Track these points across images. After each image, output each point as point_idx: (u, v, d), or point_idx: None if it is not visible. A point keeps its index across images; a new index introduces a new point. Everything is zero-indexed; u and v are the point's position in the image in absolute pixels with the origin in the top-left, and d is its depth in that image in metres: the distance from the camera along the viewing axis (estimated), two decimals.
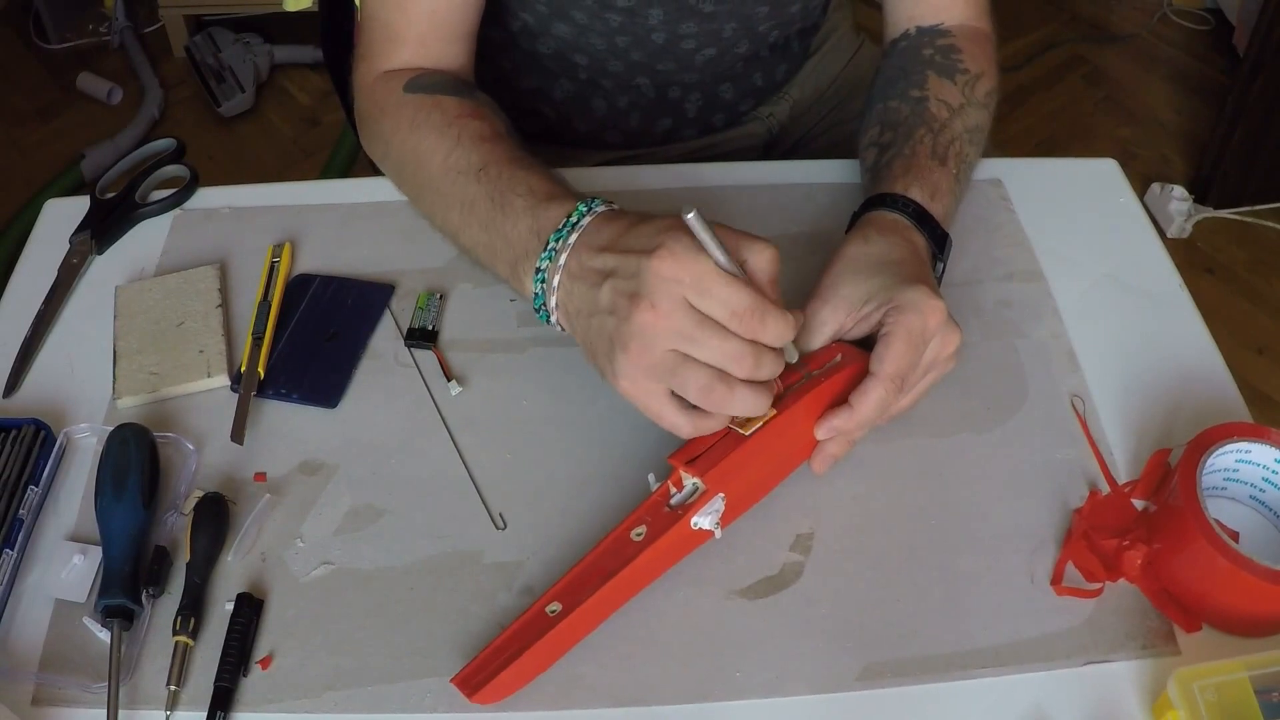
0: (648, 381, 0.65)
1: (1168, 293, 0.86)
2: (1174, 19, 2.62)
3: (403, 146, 0.83)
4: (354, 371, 0.80)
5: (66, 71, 2.49)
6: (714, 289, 0.62)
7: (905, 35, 0.92)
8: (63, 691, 0.64)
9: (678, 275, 0.62)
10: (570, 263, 0.69)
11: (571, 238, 0.69)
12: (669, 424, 0.66)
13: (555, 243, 0.70)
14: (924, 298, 0.70)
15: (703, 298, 0.63)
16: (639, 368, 0.64)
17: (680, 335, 0.63)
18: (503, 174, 0.76)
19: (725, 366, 0.64)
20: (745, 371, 0.64)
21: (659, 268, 0.63)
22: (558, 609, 0.64)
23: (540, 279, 0.71)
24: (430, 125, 0.82)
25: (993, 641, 0.66)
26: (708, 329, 0.63)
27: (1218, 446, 0.67)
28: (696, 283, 0.62)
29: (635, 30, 0.94)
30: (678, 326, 0.63)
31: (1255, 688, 0.59)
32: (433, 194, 0.81)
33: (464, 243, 0.79)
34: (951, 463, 0.75)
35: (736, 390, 0.64)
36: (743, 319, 0.63)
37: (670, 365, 0.64)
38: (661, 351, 0.64)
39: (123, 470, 0.70)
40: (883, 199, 0.79)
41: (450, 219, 0.79)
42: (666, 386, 0.65)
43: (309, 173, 2.28)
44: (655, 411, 0.66)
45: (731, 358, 0.63)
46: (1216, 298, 2.03)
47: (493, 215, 0.75)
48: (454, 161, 0.79)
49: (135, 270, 0.87)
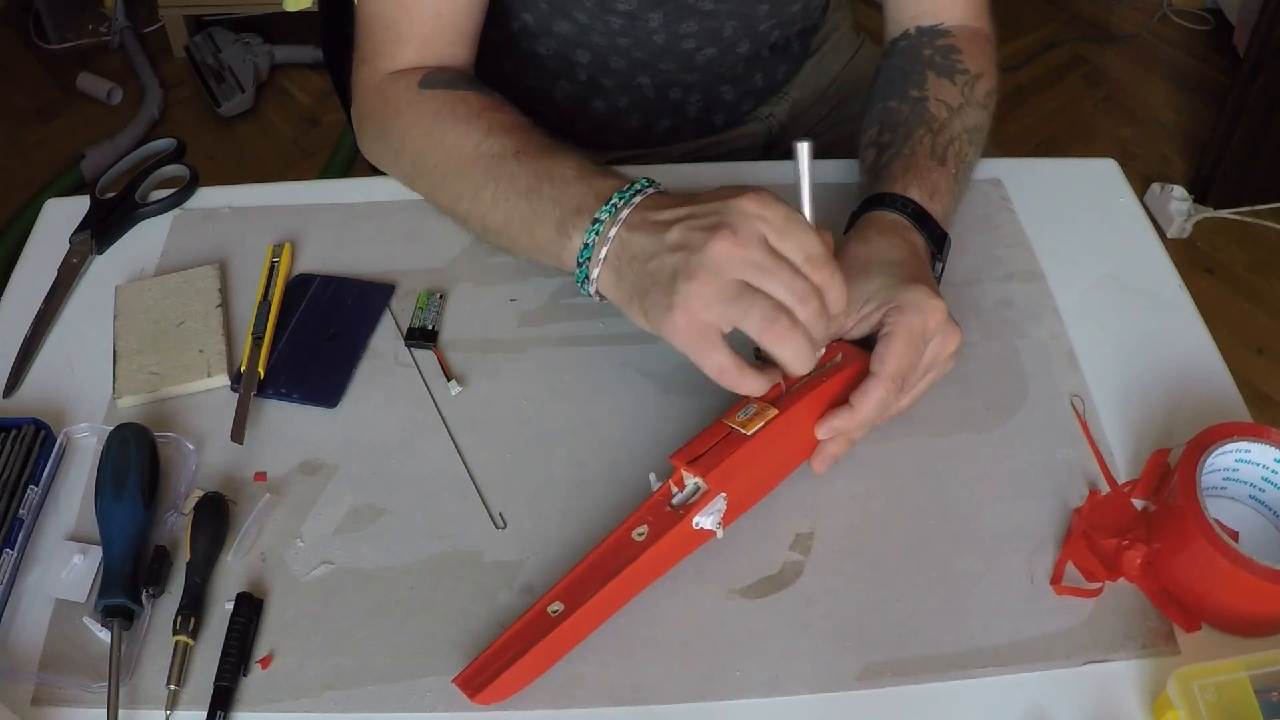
0: (708, 312, 0.64)
1: (1168, 293, 0.86)
2: (1174, 19, 2.62)
3: (426, 139, 0.83)
4: (354, 371, 0.80)
5: (66, 71, 2.49)
6: (796, 231, 0.65)
7: (905, 35, 0.92)
8: (63, 691, 0.65)
9: (762, 213, 0.65)
10: (631, 217, 0.70)
11: (636, 199, 0.71)
12: (715, 364, 0.65)
13: (618, 200, 0.71)
14: (924, 297, 0.70)
15: (783, 238, 0.64)
16: (703, 296, 0.64)
17: (754, 265, 0.64)
18: (544, 155, 0.77)
19: (792, 305, 0.64)
20: (810, 314, 0.64)
21: (745, 204, 0.65)
22: (559, 609, 0.64)
23: (594, 230, 0.71)
24: (456, 117, 0.82)
25: (992, 641, 0.66)
26: (782, 264, 0.64)
27: (1217, 446, 0.67)
28: (780, 222, 0.64)
29: (636, 31, 0.94)
30: (754, 257, 0.64)
31: (1255, 687, 0.59)
32: (461, 179, 0.81)
33: (495, 219, 0.79)
34: (951, 463, 0.75)
35: (797, 329, 0.64)
36: (817, 266, 0.65)
37: (736, 292, 0.64)
38: (730, 279, 0.64)
39: (123, 470, 0.70)
40: (881, 199, 0.79)
41: (481, 198, 0.79)
42: (725, 320, 0.64)
43: (309, 173, 2.28)
44: (705, 347, 0.65)
45: (800, 296, 0.64)
46: (1216, 298, 2.03)
47: (536, 184, 0.76)
48: (488, 148, 0.79)
49: (135, 270, 0.88)
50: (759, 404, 0.69)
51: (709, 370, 0.66)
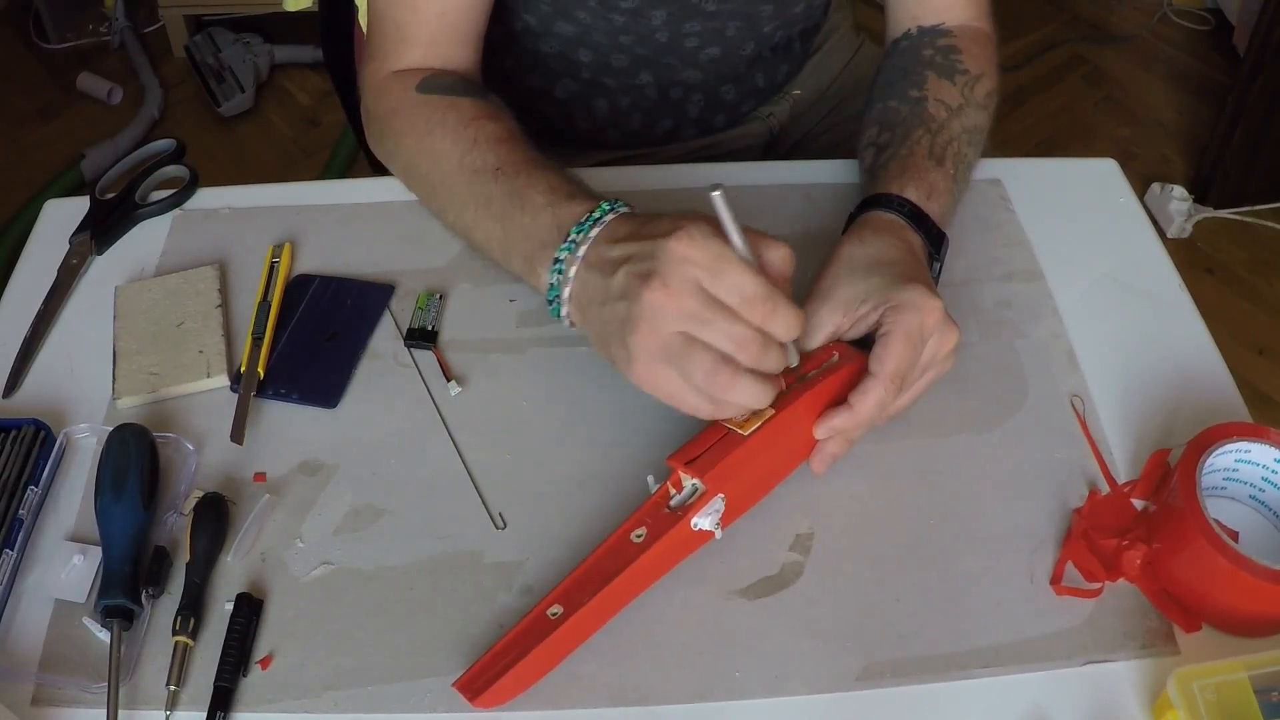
0: (658, 365, 0.65)
1: (1168, 293, 0.86)
2: (1174, 19, 2.62)
3: (417, 146, 0.83)
4: (354, 371, 0.80)
5: (66, 71, 2.49)
6: (728, 272, 0.63)
7: (906, 35, 0.92)
8: (63, 691, 0.64)
9: (692, 256, 0.63)
10: (589, 254, 0.69)
11: (593, 231, 0.70)
12: (690, 407, 0.66)
13: (576, 235, 0.70)
14: (921, 296, 0.70)
15: (716, 280, 0.63)
16: (649, 350, 0.64)
17: (689, 315, 0.63)
18: (520, 173, 0.77)
19: (732, 352, 0.64)
20: (751, 358, 0.64)
21: (674, 248, 0.63)
22: (559, 612, 0.64)
23: (557, 270, 0.71)
24: (446, 126, 0.82)
25: (993, 641, 0.66)
26: (718, 311, 0.63)
27: (1217, 446, 0.67)
28: (711, 265, 0.63)
29: (639, 30, 0.94)
30: (688, 307, 0.63)
31: (1255, 687, 0.59)
32: (447, 192, 0.81)
33: (477, 238, 0.80)
34: (951, 463, 0.75)
35: (741, 377, 0.64)
36: (754, 305, 0.63)
37: (677, 348, 0.64)
38: (669, 332, 0.64)
39: (122, 470, 0.70)
40: (878, 199, 0.79)
41: (464, 216, 0.80)
42: (671, 380, 0.65)
43: (309, 173, 2.28)
44: (672, 395, 0.66)
45: (738, 342, 0.63)
46: (1216, 298, 2.03)
47: (510, 211, 0.76)
48: (470, 161, 0.79)
49: (135, 270, 0.88)
50: None
51: (687, 412, 0.66)
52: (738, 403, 0.66)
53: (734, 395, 0.65)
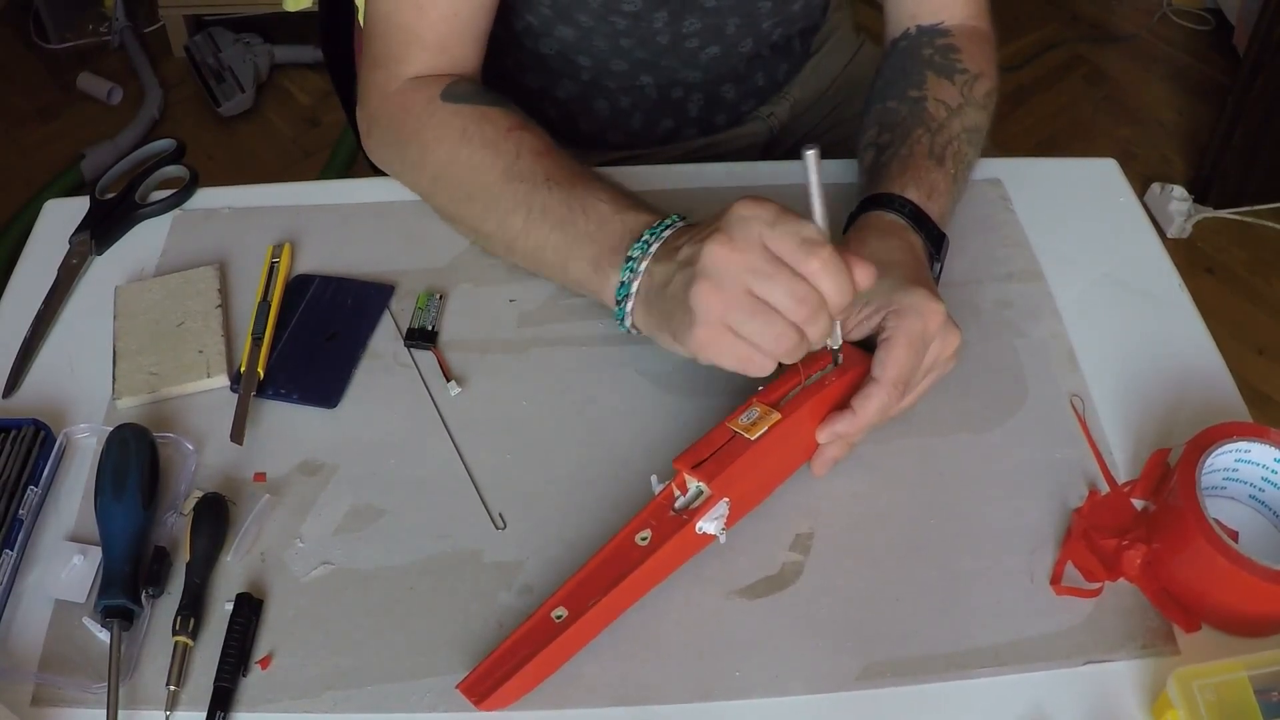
0: (720, 328, 0.65)
1: (1168, 293, 0.86)
2: (1174, 19, 2.61)
3: (451, 156, 0.83)
4: (354, 371, 0.80)
5: (66, 71, 2.49)
6: (789, 220, 0.64)
7: (906, 35, 0.92)
8: (62, 691, 0.65)
9: (756, 213, 0.65)
10: (659, 250, 0.71)
11: (667, 233, 0.72)
12: (758, 366, 0.66)
13: (649, 236, 0.73)
14: (923, 301, 0.70)
15: (775, 229, 0.64)
16: (714, 308, 0.65)
17: (752, 270, 0.64)
18: (576, 184, 0.78)
19: (790, 308, 0.64)
20: (804, 317, 0.64)
21: (738, 207, 0.65)
22: (563, 614, 0.64)
23: (629, 268, 0.72)
24: (484, 137, 0.82)
25: (992, 641, 0.66)
26: (779, 267, 0.64)
27: (1217, 446, 0.67)
28: (773, 218, 0.64)
29: (640, 32, 0.94)
30: (752, 261, 0.64)
31: (1255, 687, 0.59)
32: (487, 202, 0.81)
33: (525, 245, 0.80)
34: (951, 463, 0.75)
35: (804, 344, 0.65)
36: (812, 250, 0.63)
37: (749, 308, 0.64)
38: (737, 290, 0.64)
39: (122, 470, 0.70)
40: (879, 199, 0.79)
41: (510, 223, 0.80)
42: (740, 344, 0.65)
43: (309, 173, 2.28)
44: (740, 356, 0.66)
45: (798, 299, 0.64)
46: (1216, 298, 2.03)
47: (570, 217, 0.77)
48: (518, 171, 0.80)
49: (135, 270, 0.88)
50: (762, 407, 0.69)
51: (755, 374, 0.66)
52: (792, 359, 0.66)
53: (799, 353, 0.65)
